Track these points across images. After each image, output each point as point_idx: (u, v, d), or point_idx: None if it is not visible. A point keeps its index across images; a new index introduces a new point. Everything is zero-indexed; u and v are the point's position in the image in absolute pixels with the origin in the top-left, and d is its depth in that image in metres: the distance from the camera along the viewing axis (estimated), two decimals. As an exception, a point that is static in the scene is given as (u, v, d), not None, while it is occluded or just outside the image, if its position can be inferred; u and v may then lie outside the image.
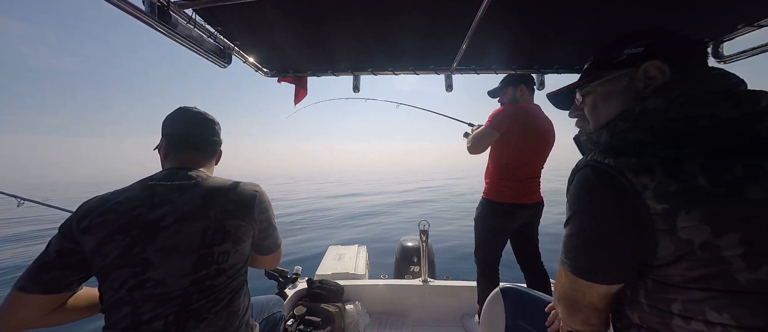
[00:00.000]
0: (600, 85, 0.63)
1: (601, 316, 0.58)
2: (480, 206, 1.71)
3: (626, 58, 0.59)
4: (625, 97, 0.59)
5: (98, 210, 0.72)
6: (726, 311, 0.43)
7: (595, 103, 0.65)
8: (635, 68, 0.57)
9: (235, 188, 0.84)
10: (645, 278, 0.50)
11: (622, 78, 0.59)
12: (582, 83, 0.67)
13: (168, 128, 0.88)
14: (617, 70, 0.60)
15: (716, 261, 0.43)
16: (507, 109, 1.60)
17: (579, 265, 0.54)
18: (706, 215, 0.42)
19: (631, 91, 0.58)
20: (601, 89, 0.63)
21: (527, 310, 0.98)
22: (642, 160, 0.47)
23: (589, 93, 0.66)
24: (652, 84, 0.56)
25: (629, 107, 0.55)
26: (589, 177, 0.52)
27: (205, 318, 0.73)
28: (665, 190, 0.44)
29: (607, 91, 0.62)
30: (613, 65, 0.61)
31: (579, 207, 0.54)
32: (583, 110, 0.69)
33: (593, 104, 0.65)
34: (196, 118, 0.90)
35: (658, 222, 0.45)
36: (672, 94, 0.51)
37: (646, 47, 0.57)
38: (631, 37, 0.60)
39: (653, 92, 0.54)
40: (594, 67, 0.66)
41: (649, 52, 0.57)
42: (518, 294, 1.03)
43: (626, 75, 0.59)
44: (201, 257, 0.73)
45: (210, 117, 0.92)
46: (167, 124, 0.88)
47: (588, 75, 0.66)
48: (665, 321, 0.48)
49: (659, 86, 0.55)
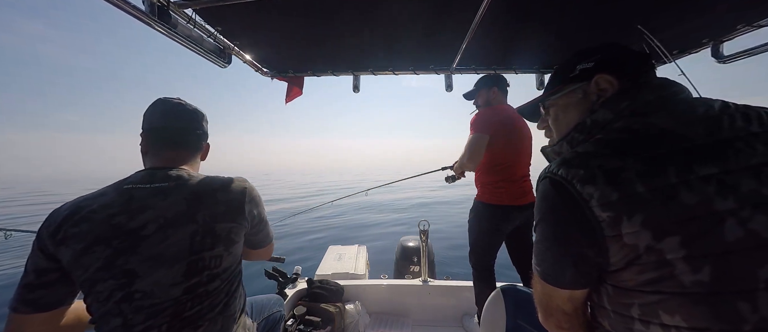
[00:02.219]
0: (559, 98, 0.68)
1: (572, 320, 0.59)
2: (474, 208, 1.71)
3: (579, 72, 0.64)
4: (581, 108, 0.64)
5: (72, 220, 0.66)
6: (677, 313, 0.44)
7: (557, 115, 0.70)
8: (588, 82, 0.62)
9: (223, 188, 0.78)
10: (606, 284, 0.53)
11: (577, 91, 0.64)
12: (544, 97, 0.72)
13: (146, 122, 0.80)
14: (573, 84, 0.65)
15: (662, 264, 0.44)
16: (488, 112, 1.61)
17: (543, 270, 0.57)
18: (646, 220, 0.44)
19: (586, 102, 0.63)
20: (561, 102, 0.68)
21: (528, 310, 0.98)
22: (588, 171, 0.50)
23: (552, 106, 0.71)
24: (604, 95, 0.60)
25: (582, 119, 0.60)
26: (547, 187, 0.55)
27: (200, 325, 0.70)
28: (608, 198, 0.47)
29: (566, 103, 0.67)
30: (569, 80, 0.66)
31: (541, 216, 0.57)
32: (548, 121, 0.73)
33: (555, 115, 0.71)
34: (176, 110, 0.81)
35: (606, 229, 0.47)
36: (620, 105, 0.56)
37: (596, 62, 0.62)
38: (584, 53, 0.65)
39: (602, 104, 0.58)
40: (553, 82, 0.71)
41: (598, 67, 0.62)
42: (518, 293, 1.03)
43: (580, 88, 0.64)
44: (191, 264, 0.69)
45: (192, 108, 0.84)
46: (146, 118, 0.80)
47: (549, 89, 0.71)
48: (628, 326, 0.50)
49: (609, 97, 0.59)
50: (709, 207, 0.43)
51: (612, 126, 0.55)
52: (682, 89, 0.56)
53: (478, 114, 1.62)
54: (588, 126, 0.59)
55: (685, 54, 1.25)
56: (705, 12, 0.95)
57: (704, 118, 0.49)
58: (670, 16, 0.97)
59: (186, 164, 0.82)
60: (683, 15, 0.97)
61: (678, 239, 0.43)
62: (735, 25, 1.04)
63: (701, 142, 0.47)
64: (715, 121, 0.48)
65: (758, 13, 0.97)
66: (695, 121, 0.49)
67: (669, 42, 1.16)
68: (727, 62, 1.23)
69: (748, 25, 1.03)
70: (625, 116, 0.55)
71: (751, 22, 1.01)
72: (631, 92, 0.57)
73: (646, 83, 0.57)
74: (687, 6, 0.91)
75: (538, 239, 0.59)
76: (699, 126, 0.48)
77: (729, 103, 0.51)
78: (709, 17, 0.99)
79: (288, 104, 1.65)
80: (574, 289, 0.55)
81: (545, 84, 0.75)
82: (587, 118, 0.60)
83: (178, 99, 0.83)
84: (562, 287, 0.56)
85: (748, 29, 1.05)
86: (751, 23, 1.02)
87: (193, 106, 0.84)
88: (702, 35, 1.13)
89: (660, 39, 1.12)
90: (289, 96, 1.58)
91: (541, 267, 0.58)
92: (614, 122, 0.55)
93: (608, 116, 0.57)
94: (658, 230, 0.44)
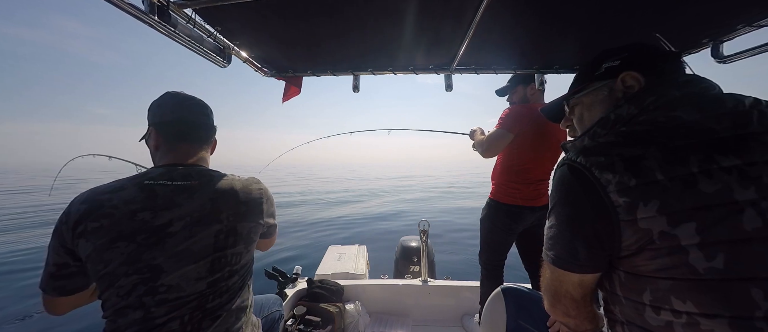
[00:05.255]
0: (584, 96, 0.70)
1: (579, 308, 0.60)
2: (486, 207, 1.69)
3: (605, 70, 0.66)
4: (606, 105, 0.65)
5: (93, 214, 0.66)
6: (689, 299, 0.45)
7: (582, 113, 0.71)
8: (614, 79, 0.64)
9: (242, 189, 0.81)
10: (618, 270, 0.54)
11: (603, 88, 0.66)
12: (569, 95, 0.74)
13: (157, 117, 0.80)
14: (598, 82, 0.67)
15: (675, 250, 0.46)
16: (519, 110, 1.56)
17: (555, 254, 0.58)
18: (663, 206, 0.46)
19: (611, 99, 0.65)
20: (586, 100, 0.70)
21: (529, 310, 0.98)
22: (608, 158, 0.51)
23: (576, 104, 0.73)
24: (630, 92, 0.61)
25: (606, 114, 0.62)
26: (564, 173, 0.57)
27: (219, 315, 0.74)
28: (626, 184, 0.48)
29: (591, 101, 0.69)
30: (594, 78, 0.68)
31: (556, 201, 0.58)
32: (572, 121, 0.75)
33: (580, 113, 0.72)
34: (187, 103, 0.82)
35: (621, 214, 0.49)
36: (646, 100, 0.56)
37: (622, 60, 0.64)
38: (610, 53, 0.67)
39: (627, 100, 0.59)
40: (579, 80, 0.73)
41: (625, 65, 0.63)
42: (520, 294, 1.03)
43: (606, 86, 0.66)
44: (215, 260, 0.73)
45: (201, 101, 0.85)
46: (155, 111, 0.80)
47: (574, 88, 0.73)
48: (640, 313, 0.51)
49: (635, 93, 0.60)
50: (728, 196, 0.43)
51: (636, 120, 0.56)
52: (713, 86, 0.55)
53: (511, 109, 1.58)
54: (611, 120, 0.60)
55: (685, 54, 1.25)
56: (705, 12, 0.95)
57: (732, 112, 0.49)
58: (669, 16, 0.97)
59: (200, 159, 0.83)
60: (683, 15, 0.97)
61: (693, 225, 0.44)
62: (735, 25, 1.04)
63: (726, 134, 0.47)
64: (743, 115, 0.48)
65: (758, 13, 0.97)
66: (723, 115, 0.49)
67: (669, 42, 1.16)
68: (727, 62, 1.23)
69: (748, 25, 1.03)
70: (649, 110, 0.55)
71: (751, 22, 1.01)
72: (657, 88, 0.57)
73: (673, 79, 0.58)
74: (687, 6, 0.91)
75: (550, 225, 0.60)
76: (726, 120, 0.48)
77: (761, 99, 0.51)
78: (709, 17, 0.99)
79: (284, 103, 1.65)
80: (584, 273, 0.56)
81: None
82: (611, 113, 0.60)
83: (185, 93, 0.84)
84: (574, 270, 0.56)
85: (748, 29, 1.05)
86: (751, 23, 1.02)
87: (200, 100, 0.85)
88: (702, 35, 1.13)
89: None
90: (286, 95, 1.58)
91: (553, 251, 0.58)
92: (639, 117, 0.56)
93: (633, 111, 0.57)
94: (674, 216, 0.45)
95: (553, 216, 0.59)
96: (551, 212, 0.60)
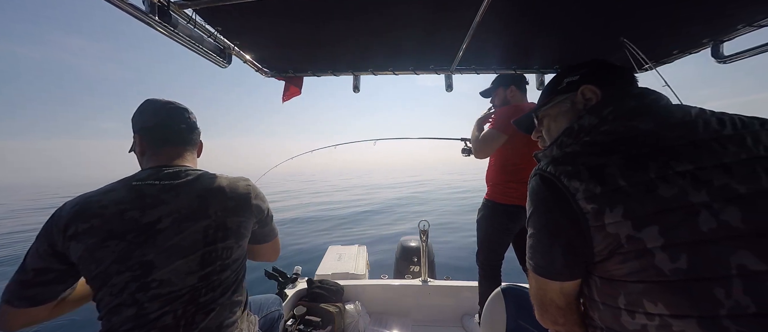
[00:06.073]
0: (550, 108, 0.76)
1: (567, 315, 0.62)
2: (483, 207, 1.70)
3: (566, 85, 0.73)
4: (570, 116, 0.71)
5: (82, 215, 0.68)
6: (659, 301, 0.47)
7: (549, 124, 0.77)
8: (575, 93, 0.70)
9: (230, 185, 0.83)
10: (593, 275, 0.56)
11: (566, 101, 0.72)
12: (537, 108, 0.80)
13: (139, 123, 0.83)
14: (561, 96, 0.73)
15: (642, 253, 0.48)
16: (510, 110, 1.59)
17: (535, 263, 0.61)
18: (627, 211, 0.48)
19: (574, 111, 0.70)
20: (552, 112, 0.76)
21: (529, 310, 0.97)
22: (574, 167, 0.55)
23: (545, 116, 0.79)
24: (589, 104, 0.67)
25: (570, 125, 0.66)
26: (537, 183, 0.60)
27: (212, 309, 0.75)
28: (592, 191, 0.51)
29: (556, 113, 0.75)
30: (557, 92, 0.75)
31: (532, 210, 0.61)
32: (542, 132, 0.80)
33: (548, 125, 0.78)
34: (167, 107, 0.85)
35: (590, 220, 0.51)
36: (604, 110, 0.61)
37: (581, 75, 0.71)
38: (571, 69, 0.75)
39: (588, 111, 0.64)
40: (545, 94, 0.79)
41: (583, 79, 0.70)
42: (520, 294, 1.03)
43: (568, 99, 0.72)
44: (205, 254, 0.74)
45: (181, 106, 0.88)
46: (137, 119, 0.83)
47: (541, 102, 0.79)
48: (616, 317, 0.53)
49: (594, 105, 0.65)
50: (684, 199, 0.46)
51: (598, 129, 0.61)
52: (662, 97, 0.62)
53: (503, 111, 1.60)
54: (575, 130, 0.65)
55: (685, 54, 1.25)
56: (705, 12, 0.95)
57: (682, 122, 0.54)
58: (669, 16, 0.97)
59: (186, 160, 0.85)
60: (683, 15, 0.97)
61: (657, 228, 0.46)
62: (735, 25, 1.04)
63: (679, 142, 0.51)
64: (692, 124, 0.53)
65: (758, 13, 0.97)
66: (674, 124, 0.54)
67: (669, 42, 1.16)
68: (727, 62, 1.23)
69: (748, 25, 1.03)
70: (609, 120, 0.60)
71: (751, 22, 1.01)
72: (613, 99, 0.62)
73: (627, 91, 0.63)
74: (687, 6, 0.91)
75: (529, 233, 0.62)
76: (678, 129, 0.53)
77: (705, 109, 0.56)
78: (709, 17, 0.99)
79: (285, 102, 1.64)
80: (564, 280, 0.58)
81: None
82: (575, 123, 0.65)
83: (165, 99, 0.87)
84: (554, 278, 0.59)
85: (748, 29, 1.05)
86: (751, 23, 1.02)
87: (180, 104, 0.88)
88: (702, 35, 1.13)
89: (660, 39, 1.12)
90: (286, 95, 1.57)
91: (533, 260, 0.61)
92: (600, 126, 0.61)
93: (594, 121, 0.62)
94: (638, 220, 0.48)
95: (530, 226, 0.61)
96: (529, 222, 0.62)
